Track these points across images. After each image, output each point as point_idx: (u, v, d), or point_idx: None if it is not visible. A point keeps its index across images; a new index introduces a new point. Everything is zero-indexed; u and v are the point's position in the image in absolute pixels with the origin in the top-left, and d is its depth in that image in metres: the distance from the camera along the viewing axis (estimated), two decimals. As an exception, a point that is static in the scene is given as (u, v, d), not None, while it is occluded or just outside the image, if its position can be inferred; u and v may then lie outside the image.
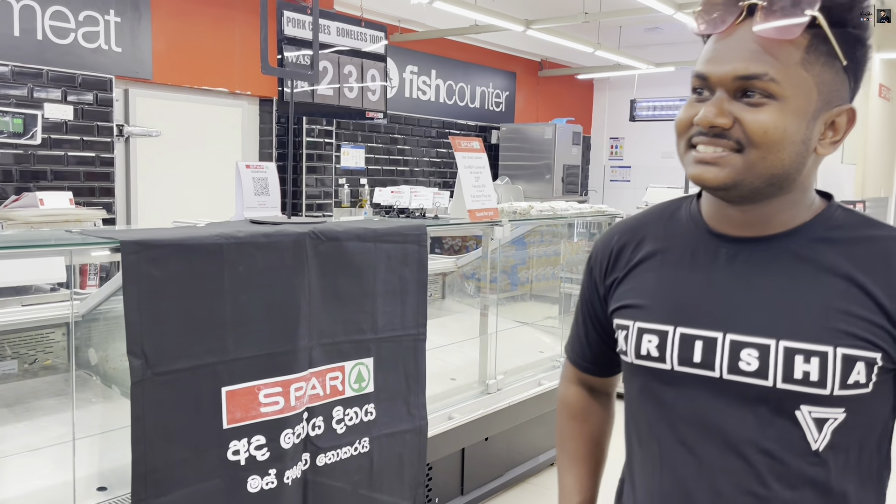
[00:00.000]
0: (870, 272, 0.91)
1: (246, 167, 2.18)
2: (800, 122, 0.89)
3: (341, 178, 6.78)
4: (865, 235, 0.94)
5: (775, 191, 0.94)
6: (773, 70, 0.88)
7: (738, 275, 0.97)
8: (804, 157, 0.92)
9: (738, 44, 0.90)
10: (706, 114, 0.90)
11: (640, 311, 1.03)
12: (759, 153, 0.89)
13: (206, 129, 5.75)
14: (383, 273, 2.18)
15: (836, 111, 0.93)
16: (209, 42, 5.57)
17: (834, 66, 0.90)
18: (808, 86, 0.89)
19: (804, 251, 0.95)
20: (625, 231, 1.13)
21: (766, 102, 0.88)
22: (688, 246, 1.02)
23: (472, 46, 8.29)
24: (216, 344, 1.85)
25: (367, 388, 2.18)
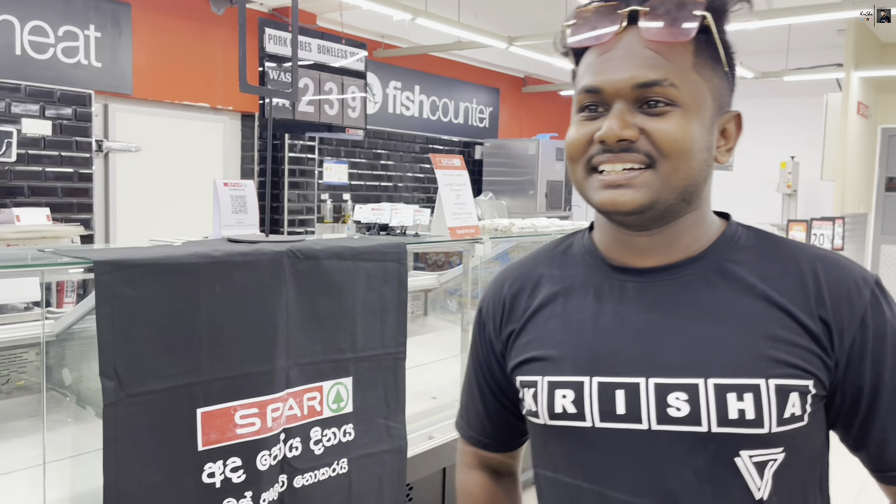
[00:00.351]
0: (786, 292, 0.85)
1: (224, 185, 2.16)
2: (702, 128, 0.84)
3: (324, 194, 6.76)
4: (773, 254, 0.89)
5: (685, 207, 0.87)
6: (672, 75, 0.82)
7: (651, 310, 0.87)
8: (710, 165, 0.87)
9: (628, 52, 0.84)
10: (611, 127, 0.82)
11: (548, 363, 0.91)
12: (671, 165, 0.83)
13: (187, 144, 5.72)
14: (363, 291, 2.16)
15: (726, 117, 0.89)
16: (190, 57, 5.55)
17: (718, 70, 0.86)
18: (703, 91, 0.85)
19: (716, 275, 0.87)
20: (516, 276, 1.01)
21: (670, 110, 0.82)
22: (590, 284, 0.92)
23: (455, 62, 8.33)
24: (191, 365, 1.82)
25: (345, 409, 2.16)
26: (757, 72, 7.47)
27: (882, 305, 0.85)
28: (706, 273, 0.87)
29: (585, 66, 0.87)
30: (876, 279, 0.87)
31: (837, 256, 0.88)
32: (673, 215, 0.86)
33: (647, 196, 0.83)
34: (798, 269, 0.86)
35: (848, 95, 7.05)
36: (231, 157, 6.03)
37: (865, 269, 0.87)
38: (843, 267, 0.87)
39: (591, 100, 0.86)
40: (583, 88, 0.86)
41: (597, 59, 0.86)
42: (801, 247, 0.89)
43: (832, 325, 0.83)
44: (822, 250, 0.89)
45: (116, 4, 5.05)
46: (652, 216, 0.85)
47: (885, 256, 8.23)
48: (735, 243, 0.90)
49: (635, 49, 0.83)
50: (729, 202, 8.86)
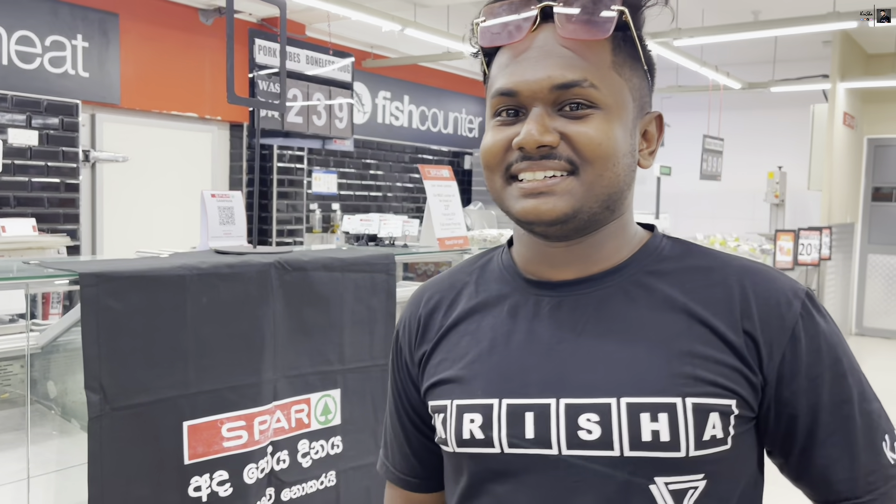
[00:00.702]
0: (710, 305, 0.79)
1: (211, 196, 2.15)
2: (625, 131, 0.79)
3: (313, 204, 6.75)
4: (698, 265, 0.82)
5: (608, 215, 0.81)
6: (591, 75, 0.76)
7: (564, 326, 0.81)
8: (633, 170, 0.82)
9: (543, 51, 0.77)
10: (530, 132, 0.76)
11: (457, 385, 0.83)
12: (594, 171, 0.77)
13: (175, 154, 5.70)
14: (351, 303, 2.15)
15: (647, 118, 0.84)
16: (179, 67, 5.54)
17: (638, 69, 0.81)
18: (624, 91, 0.79)
19: (636, 288, 0.81)
20: (434, 291, 0.93)
21: (591, 113, 0.77)
22: (505, 300, 0.86)
23: (444, 72, 8.35)
24: (178, 377, 1.81)
25: (333, 421, 2.15)
26: (744, 83, 7.53)
27: (815, 317, 0.79)
28: (625, 285, 0.81)
29: (499, 68, 0.81)
30: (807, 291, 0.81)
31: (765, 268, 0.83)
32: (595, 224, 0.81)
33: (571, 204, 0.77)
34: (724, 281, 0.80)
35: (834, 106, 7.11)
36: (219, 166, 6.02)
37: (795, 281, 0.82)
38: (772, 279, 0.81)
39: (506, 103, 0.79)
40: (497, 91, 0.80)
41: (511, 59, 0.79)
42: (727, 258, 0.84)
43: (759, 340, 0.77)
44: (749, 262, 0.83)
45: (104, 14, 5.04)
46: (575, 226, 0.79)
47: (871, 266, 8.29)
48: (658, 254, 0.84)
49: (551, 48, 0.77)
50: (717, 212, 8.91)
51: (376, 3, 5.48)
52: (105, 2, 5.06)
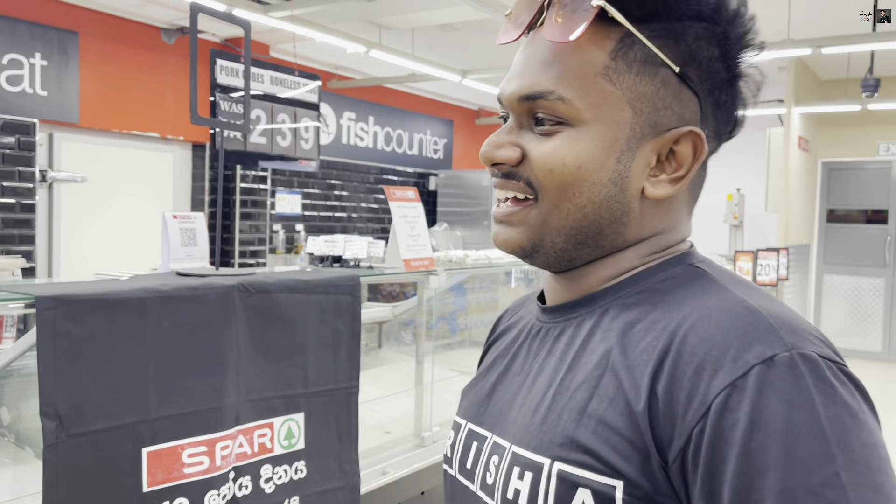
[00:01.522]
0: (632, 354, 0.62)
1: (173, 217, 2.12)
2: (605, 153, 0.66)
3: (276, 225, 6.69)
4: (667, 301, 0.65)
5: (589, 252, 0.70)
6: (562, 85, 0.66)
7: (530, 355, 0.75)
8: (621, 202, 0.68)
9: (530, 56, 0.70)
10: (486, 144, 0.70)
11: (462, 398, 0.85)
12: (549, 200, 0.68)
13: (136, 175, 5.62)
14: (315, 325, 2.13)
15: (669, 136, 0.68)
16: (140, 87, 5.48)
17: (657, 74, 0.66)
18: (616, 103, 0.66)
19: (589, 319, 0.70)
20: (515, 302, 0.92)
21: (556, 130, 0.67)
22: (526, 321, 0.82)
23: (410, 94, 8.39)
24: (137, 403, 1.77)
25: (297, 445, 2.11)
26: (703, 106, 7.67)
27: (751, 396, 0.54)
28: (586, 314, 0.71)
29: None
30: (786, 355, 0.55)
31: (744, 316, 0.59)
32: (570, 259, 0.71)
33: (526, 237, 0.69)
34: (667, 324, 0.63)
35: (789, 130, 7.30)
36: (181, 187, 5.94)
37: (778, 337, 0.56)
38: (725, 327, 0.58)
39: (500, 109, 0.74)
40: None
41: (515, 59, 0.73)
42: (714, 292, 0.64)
43: (663, 408, 0.58)
44: (733, 302, 0.62)
45: (64, 33, 4.96)
46: (543, 262, 0.71)
47: (827, 286, 8.48)
48: (647, 282, 0.69)
49: (537, 51, 0.69)
50: (678, 233, 9.05)
51: (341, 25, 5.50)
52: (65, 20, 4.99)
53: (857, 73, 7.38)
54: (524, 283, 4.04)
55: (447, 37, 6.46)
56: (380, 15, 5.50)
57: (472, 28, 6.17)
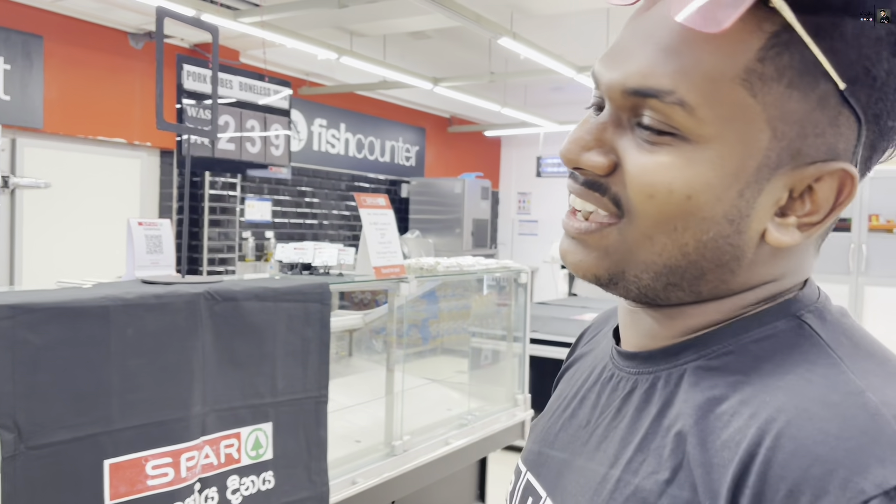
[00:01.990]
0: (711, 448, 0.49)
1: (138, 224, 2.08)
2: (725, 183, 0.51)
3: (245, 232, 6.63)
4: (762, 373, 0.51)
5: (685, 297, 0.56)
6: (686, 86, 0.49)
7: (596, 407, 0.63)
8: (734, 245, 0.53)
9: (647, 31, 0.52)
10: (569, 143, 0.54)
11: (530, 433, 0.73)
12: (642, 229, 0.53)
13: (102, 181, 5.54)
14: (283, 333, 2.11)
15: (812, 171, 0.51)
16: (107, 92, 5.40)
17: (815, 89, 0.49)
18: (753, 121, 0.50)
19: (666, 380, 0.56)
20: (602, 315, 0.78)
21: (667, 143, 0.51)
22: (599, 355, 0.69)
23: (381, 101, 8.38)
24: (100, 413, 1.73)
25: (265, 455, 2.09)
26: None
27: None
28: (666, 376, 0.57)
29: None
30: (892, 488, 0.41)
31: (859, 417, 0.45)
32: (661, 300, 0.57)
33: (602, 266, 0.55)
34: (760, 410, 0.48)
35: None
36: (149, 194, 5.86)
37: (884, 461, 0.42)
38: (829, 441, 0.44)
39: (595, 91, 0.57)
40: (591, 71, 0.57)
41: (622, 30, 0.55)
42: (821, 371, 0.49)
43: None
44: (845, 394, 0.46)
45: (28, 36, 4.88)
46: (623, 293, 0.57)
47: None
48: (739, 339, 0.54)
49: (656, 28, 0.51)
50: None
51: (312, 31, 5.48)
52: (29, 24, 4.91)
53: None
54: (496, 290, 4.04)
55: (419, 44, 6.46)
56: (351, 22, 5.49)
57: (444, 36, 6.18)
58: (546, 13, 5.23)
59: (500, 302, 4.20)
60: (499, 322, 3.82)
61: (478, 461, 3.32)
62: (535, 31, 5.73)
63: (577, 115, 9.02)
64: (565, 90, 8.49)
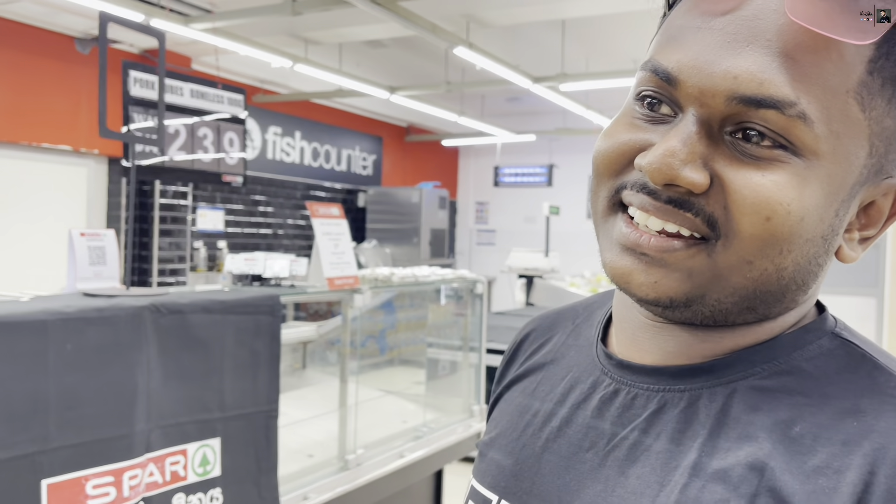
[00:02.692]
0: (801, 471, 0.45)
1: (80, 235, 2.01)
2: (829, 200, 0.48)
3: (197, 242, 6.51)
4: (828, 395, 0.48)
5: (747, 316, 0.52)
6: (808, 98, 0.45)
7: (602, 428, 0.56)
8: (821, 264, 0.50)
9: (749, 28, 0.46)
10: (668, 154, 0.47)
11: (481, 459, 0.65)
12: (743, 252, 0.48)
13: (46, 190, 5.38)
14: (232, 347, 2.06)
15: (885, 186, 0.50)
16: (52, 98, 5.26)
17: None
18: (859, 136, 0.47)
19: (709, 399, 0.52)
20: (537, 323, 0.73)
21: (780, 158, 0.46)
22: (574, 365, 0.63)
23: (338, 110, 8.33)
24: (37, 432, 1.66)
25: (212, 472, 2.03)
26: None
27: None
28: (707, 396, 0.52)
29: (672, 24, 0.50)
30: None
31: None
32: (722, 321, 0.52)
33: (685, 288, 0.50)
34: (848, 448, 0.45)
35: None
36: (96, 203, 5.71)
37: None
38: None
39: (655, 88, 0.50)
40: (651, 65, 0.50)
41: (693, 20, 0.49)
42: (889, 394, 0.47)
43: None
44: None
45: (-31, 40, 4.73)
46: (685, 315, 0.52)
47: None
48: (790, 358, 0.51)
49: (763, 27, 0.46)
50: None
51: (267, 39, 5.41)
52: (-30, 26, 4.76)
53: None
54: (454, 300, 4.02)
55: (375, 53, 6.44)
56: (306, 30, 5.44)
57: (401, 45, 6.17)
58: (502, 23, 5.26)
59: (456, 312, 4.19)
60: (455, 332, 3.80)
61: (433, 473, 3.29)
62: (491, 42, 5.76)
63: (534, 126, 9.07)
64: (522, 100, 8.54)
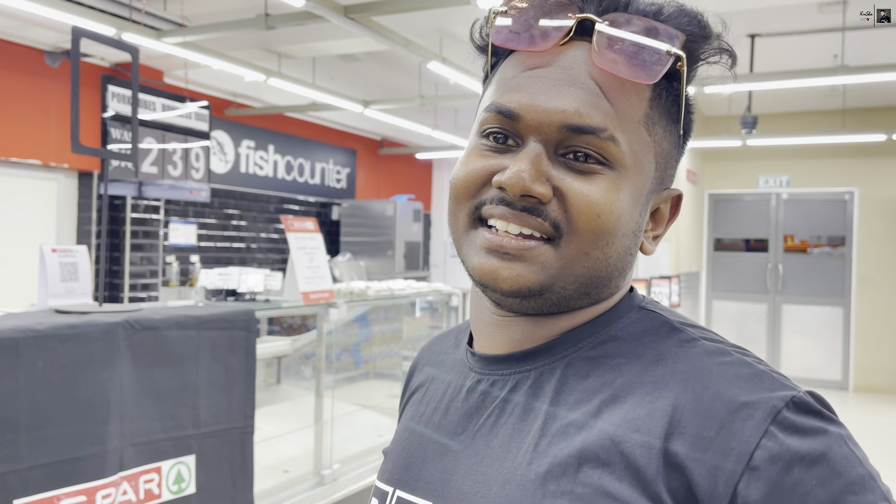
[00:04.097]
0: (632, 412, 0.58)
1: (52, 251, 1.99)
2: (635, 203, 0.63)
3: (169, 256, 6.44)
4: (652, 353, 0.62)
5: (583, 301, 0.64)
6: (615, 125, 0.60)
7: (471, 413, 0.67)
8: (632, 254, 0.65)
9: (566, 75, 0.61)
10: (520, 173, 0.59)
11: (383, 460, 0.76)
12: (580, 245, 0.61)
13: (13, 204, 5.29)
14: (207, 363, 2.04)
15: (664, 195, 0.67)
16: (21, 111, 5.19)
17: (672, 132, 0.65)
18: (648, 154, 0.63)
19: (549, 373, 0.64)
20: (431, 344, 0.84)
21: (600, 171, 0.60)
22: (452, 370, 0.74)
23: (311, 123, 8.31)
24: (7, 451, 1.64)
25: (187, 490, 2.01)
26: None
27: (794, 439, 0.53)
28: (548, 370, 0.64)
29: (504, 76, 0.64)
30: (794, 398, 0.55)
31: (741, 367, 0.58)
32: (563, 307, 0.64)
33: (540, 279, 0.61)
34: (659, 383, 0.59)
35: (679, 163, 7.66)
36: (66, 218, 5.63)
37: (784, 385, 0.57)
38: (731, 381, 0.57)
39: (499, 125, 0.63)
40: (493, 107, 0.63)
41: (522, 71, 0.62)
42: (693, 352, 0.61)
43: (689, 468, 0.54)
44: (726, 354, 0.60)
45: (-64, 53, 4.65)
46: (537, 304, 0.63)
47: (716, 312, 8.90)
48: (607, 331, 0.65)
49: (577, 74, 0.61)
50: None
51: (239, 53, 5.40)
52: (-63, 39, 4.69)
53: (738, 110, 7.87)
54: (429, 312, 4.03)
55: (349, 67, 6.45)
56: (279, 44, 5.43)
57: (374, 59, 6.19)
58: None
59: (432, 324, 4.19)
60: (430, 345, 3.80)
61: (410, 487, 3.28)
62: (463, 56, 5.79)
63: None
64: (495, 114, 8.58)
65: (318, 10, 3.67)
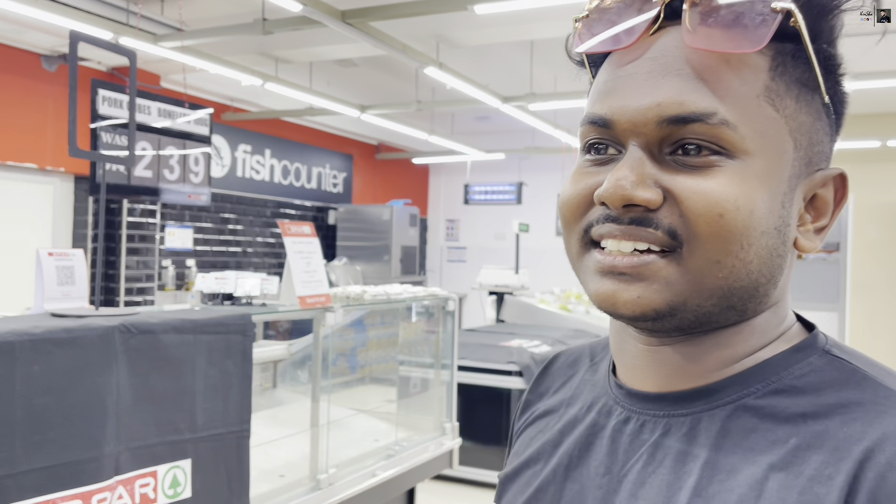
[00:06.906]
0: (794, 481, 0.49)
1: (48, 255, 1.99)
2: (772, 194, 0.53)
3: (166, 260, 6.44)
4: (842, 408, 0.51)
5: (732, 316, 0.55)
6: (726, 105, 0.52)
7: (615, 457, 0.59)
8: (782, 255, 0.55)
9: (659, 65, 0.54)
10: (618, 181, 0.52)
11: (502, 489, 0.68)
12: (707, 253, 0.52)
13: (11, 208, 5.29)
14: (203, 367, 2.04)
15: (819, 177, 0.56)
16: (17, 115, 5.19)
17: (812, 102, 0.55)
18: (780, 132, 0.54)
19: (709, 421, 0.55)
20: (565, 357, 0.75)
21: (718, 163, 0.52)
22: (591, 399, 0.66)
23: (308, 128, 8.33)
24: (3, 455, 1.64)
25: (183, 494, 2.01)
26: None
27: None
28: (708, 417, 0.55)
29: (597, 84, 0.58)
30: None
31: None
32: (710, 324, 0.56)
33: (665, 297, 0.53)
34: (848, 446, 0.49)
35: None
36: (62, 222, 5.63)
37: None
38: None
39: (597, 135, 0.57)
40: (587, 118, 0.57)
41: (613, 73, 0.56)
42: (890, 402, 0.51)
43: None
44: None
45: (-68, 56, 4.66)
46: (677, 324, 0.55)
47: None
48: (781, 377, 0.55)
49: (671, 61, 0.53)
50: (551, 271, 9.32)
51: (237, 57, 5.40)
52: (-67, 43, 4.69)
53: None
54: (425, 317, 4.03)
55: (346, 72, 6.46)
56: (276, 48, 5.44)
57: (371, 64, 6.20)
58: (471, 44, 5.31)
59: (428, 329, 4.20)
60: (427, 350, 3.81)
61: (406, 492, 3.28)
62: (461, 62, 5.81)
63: (504, 144, 9.15)
64: (491, 119, 8.62)
65: (316, 15, 3.68)
